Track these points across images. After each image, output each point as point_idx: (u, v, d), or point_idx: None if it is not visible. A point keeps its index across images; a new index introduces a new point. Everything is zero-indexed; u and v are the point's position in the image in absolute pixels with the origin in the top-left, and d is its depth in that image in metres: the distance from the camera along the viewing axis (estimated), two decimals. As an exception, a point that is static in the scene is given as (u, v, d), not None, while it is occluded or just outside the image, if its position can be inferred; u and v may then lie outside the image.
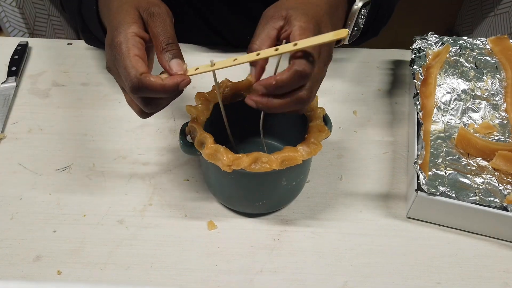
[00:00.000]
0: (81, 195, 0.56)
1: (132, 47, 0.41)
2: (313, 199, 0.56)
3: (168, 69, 0.42)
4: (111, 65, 0.43)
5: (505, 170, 0.53)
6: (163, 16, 0.43)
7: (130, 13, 0.43)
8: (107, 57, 0.44)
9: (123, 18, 0.43)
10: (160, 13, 0.43)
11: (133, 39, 0.42)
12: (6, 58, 0.72)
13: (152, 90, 0.40)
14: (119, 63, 0.41)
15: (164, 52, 0.42)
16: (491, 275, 0.49)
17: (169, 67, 0.42)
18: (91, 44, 0.65)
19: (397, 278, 0.49)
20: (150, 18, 0.43)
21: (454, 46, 0.68)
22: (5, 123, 0.64)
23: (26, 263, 0.49)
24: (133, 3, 0.44)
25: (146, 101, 0.42)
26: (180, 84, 0.41)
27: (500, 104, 0.61)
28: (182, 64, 0.42)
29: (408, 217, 0.54)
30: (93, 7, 0.52)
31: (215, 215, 0.54)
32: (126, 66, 0.40)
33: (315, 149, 0.46)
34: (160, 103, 0.44)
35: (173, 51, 0.42)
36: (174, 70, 0.42)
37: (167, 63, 0.42)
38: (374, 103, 0.69)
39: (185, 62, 0.43)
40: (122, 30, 0.42)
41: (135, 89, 0.40)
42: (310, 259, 0.50)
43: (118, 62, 0.41)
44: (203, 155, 0.46)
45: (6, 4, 1.07)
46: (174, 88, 0.41)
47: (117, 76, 0.44)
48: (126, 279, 0.48)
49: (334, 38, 0.38)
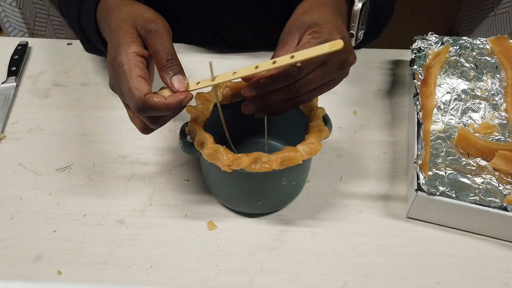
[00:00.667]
0: (81, 195, 0.56)
1: (134, 68, 0.42)
2: (313, 199, 0.56)
3: (170, 86, 0.43)
4: (115, 84, 0.44)
5: (505, 170, 0.53)
6: (161, 32, 0.44)
7: (128, 32, 0.44)
8: (110, 75, 0.44)
9: (123, 38, 0.43)
10: (157, 29, 0.44)
11: (134, 59, 0.42)
12: (6, 58, 0.72)
13: (157, 110, 0.41)
14: (122, 84, 0.42)
15: (165, 69, 0.43)
16: (491, 275, 0.49)
17: (171, 84, 0.43)
18: (92, 52, 0.65)
19: (397, 278, 0.49)
20: (148, 35, 0.44)
21: (454, 46, 0.68)
22: (5, 123, 0.64)
23: (26, 263, 0.49)
24: (130, 21, 0.44)
25: (152, 119, 0.44)
26: (183, 101, 0.42)
27: (500, 104, 0.61)
28: (184, 80, 0.43)
29: (408, 217, 0.54)
30: (92, 20, 0.53)
31: (215, 215, 0.54)
32: (129, 87, 0.41)
33: (315, 149, 0.46)
34: (165, 120, 0.45)
35: (173, 68, 0.43)
36: (176, 87, 0.42)
37: (168, 80, 0.43)
38: (374, 103, 0.69)
39: (186, 77, 0.44)
40: (123, 50, 0.42)
41: (140, 110, 0.41)
42: (310, 259, 0.50)
43: (121, 83, 0.42)
44: (203, 155, 0.46)
45: (6, 4, 1.07)
46: (178, 106, 0.42)
47: (120, 95, 0.44)
48: (126, 279, 0.48)
49: (329, 50, 0.38)
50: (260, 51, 0.75)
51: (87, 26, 0.55)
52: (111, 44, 0.44)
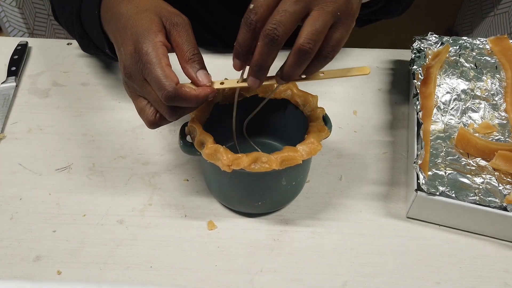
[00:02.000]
0: (81, 195, 0.56)
1: (163, 57, 0.41)
2: (313, 199, 0.56)
3: (196, 80, 0.43)
4: (135, 72, 0.42)
5: (505, 170, 0.53)
6: (186, 26, 0.44)
7: (154, 21, 0.43)
8: (128, 63, 0.43)
9: (148, 26, 0.42)
10: (183, 23, 0.43)
11: (161, 48, 0.42)
12: (6, 58, 0.72)
13: (186, 100, 0.41)
14: (148, 72, 0.41)
15: (190, 62, 0.43)
16: (491, 275, 0.49)
17: (197, 78, 0.42)
18: (88, 50, 0.63)
19: (397, 278, 0.49)
20: (173, 28, 0.43)
21: (454, 46, 0.68)
22: (5, 123, 0.64)
23: (26, 263, 0.49)
24: (154, 11, 0.44)
25: (174, 110, 0.43)
26: (209, 95, 0.42)
27: (499, 104, 0.61)
28: (209, 75, 0.43)
29: (408, 217, 0.54)
30: (96, 12, 0.51)
31: (215, 215, 0.54)
32: (158, 76, 0.40)
33: (315, 149, 0.46)
34: (185, 112, 0.44)
35: (199, 62, 0.43)
36: (202, 82, 0.42)
37: (194, 74, 0.43)
38: (374, 103, 0.69)
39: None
40: (149, 38, 0.42)
41: (171, 99, 0.41)
42: (310, 259, 0.50)
43: (148, 71, 0.41)
44: (203, 155, 0.46)
45: (6, 4, 1.07)
46: (205, 98, 0.42)
47: (139, 85, 0.43)
48: (126, 279, 0.48)
49: (357, 74, 0.44)
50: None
51: (89, 19, 0.54)
52: (129, 30, 0.43)
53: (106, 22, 0.50)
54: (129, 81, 0.44)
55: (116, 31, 0.45)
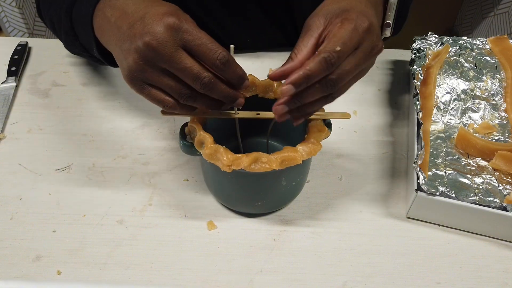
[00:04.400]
0: (81, 195, 0.56)
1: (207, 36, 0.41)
2: (313, 199, 0.56)
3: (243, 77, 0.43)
4: (169, 45, 0.40)
5: (505, 170, 0.53)
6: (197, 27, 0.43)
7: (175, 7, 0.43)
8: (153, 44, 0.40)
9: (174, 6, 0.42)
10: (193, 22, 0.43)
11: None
12: (6, 58, 0.72)
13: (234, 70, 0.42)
14: (196, 42, 0.40)
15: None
16: (491, 275, 0.49)
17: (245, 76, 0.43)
18: (73, 50, 0.61)
19: (396, 278, 0.49)
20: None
21: (454, 46, 0.68)
22: (5, 123, 0.64)
23: (26, 263, 0.49)
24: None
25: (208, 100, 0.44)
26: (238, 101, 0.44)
27: (499, 104, 0.61)
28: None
29: (408, 217, 0.54)
30: (90, 9, 0.49)
31: (215, 215, 0.54)
32: (207, 43, 0.40)
33: (315, 149, 0.46)
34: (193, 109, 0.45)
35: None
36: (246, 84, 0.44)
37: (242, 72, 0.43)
38: (374, 103, 0.69)
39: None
40: (181, 12, 0.41)
41: (224, 64, 0.41)
42: (310, 259, 0.50)
43: (195, 41, 0.40)
44: (203, 155, 0.46)
45: (6, 4, 1.07)
46: (235, 99, 0.44)
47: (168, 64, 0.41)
48: (126, 279, 0.48)
49: (340, 117, 0.50)
50: (260, 52, 0.75)
51: (81, 15, 0.52)
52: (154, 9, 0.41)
53: (104, 18, 0.47)
54: (163, 52, 0.40)
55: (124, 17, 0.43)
